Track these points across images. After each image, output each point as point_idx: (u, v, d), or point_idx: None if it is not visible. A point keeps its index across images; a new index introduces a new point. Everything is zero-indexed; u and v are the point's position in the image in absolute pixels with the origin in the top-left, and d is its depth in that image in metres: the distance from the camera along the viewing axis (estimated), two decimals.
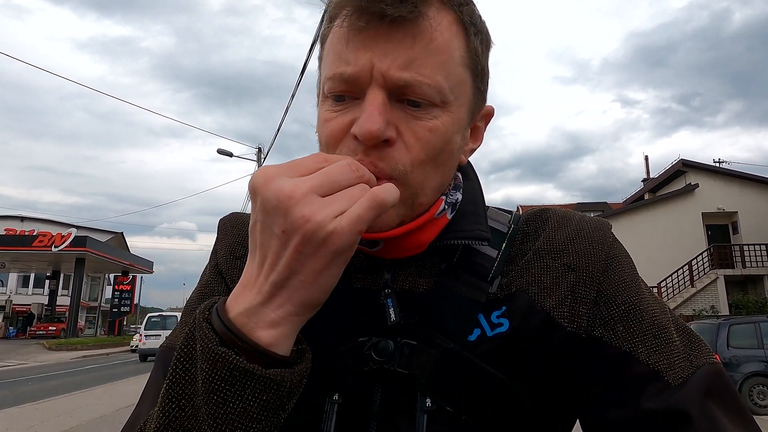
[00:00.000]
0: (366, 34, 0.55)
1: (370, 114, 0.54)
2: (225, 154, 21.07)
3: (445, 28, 0.57)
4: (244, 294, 0.47)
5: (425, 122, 0.56)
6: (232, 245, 0.70)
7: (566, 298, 0.60)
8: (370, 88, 0.55)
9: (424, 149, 0.57)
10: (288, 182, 0.44)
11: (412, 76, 0.55)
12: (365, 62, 0.55)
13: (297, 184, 0.44)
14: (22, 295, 45.76)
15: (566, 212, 0.68)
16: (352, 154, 0.55)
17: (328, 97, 0.59)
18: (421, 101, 0.56)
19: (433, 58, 0.56)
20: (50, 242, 29.98)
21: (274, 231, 0.45)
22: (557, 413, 0.62)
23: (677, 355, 0.56)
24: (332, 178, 0.46)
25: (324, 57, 0.61)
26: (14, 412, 9.01)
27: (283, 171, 0.46)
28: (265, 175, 0.45)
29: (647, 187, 27.89)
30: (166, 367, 0.61)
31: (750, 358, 9.29)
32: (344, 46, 0.56)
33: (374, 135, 0.53)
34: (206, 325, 0.46)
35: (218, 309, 0.47)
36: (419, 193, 0.59)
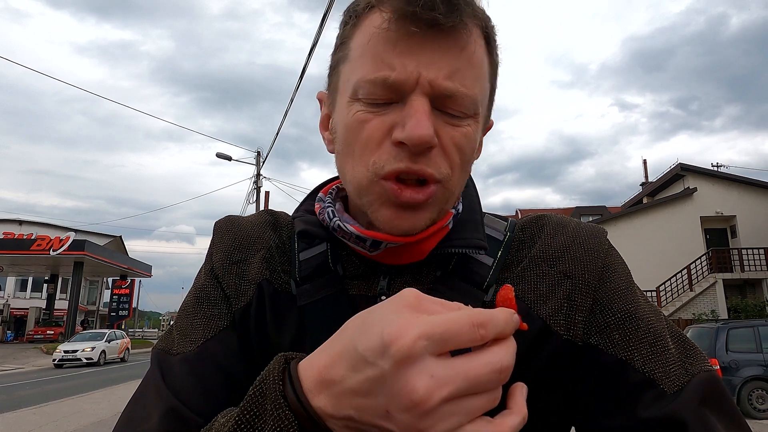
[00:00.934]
0: (414, 40, 0.54)
1: (419, 120, 0.53)
2: (224, 158, 21.06)
3: (479, 43, 0.58)
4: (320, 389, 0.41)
5: (461, 129, 0.58)
6: (228, 249, 0.70)
7: (562, 305, 0.60)
8: (414, 93, 0.55)
9: (459, 155, 0.58)
10: (426, 380, 0.35)
11: (456, 87, 0.55)
12: (412, 69, 0.54)
13: (435, 388, 0.35)
14: (20, 299, 45.59)
15: (562, 219, 0.68)
16: (395, 162, 0.55)
17: (360, 100, 0.57)
18: (459, 113, 0.57)
19: (473, 70, 0.57)
20: (48, 246, 29.91)
21: (383, 407, 0.37)
22: (553, 421, 0.62)
23: (673, 363, 0.56)
24: (475, 384, 0.37)
25: (355, 58, 0.58)
26: (12, 417, 8.97)
27: (431, 343, 0.36)
28: (411, 347, 0.35)
29: (646, 191, 27.91)
30: (162, 369, 0.61)
31: (749, 362, 9.27)
32: (389, 50, 0.55)
33: (426, 141, 0.54)
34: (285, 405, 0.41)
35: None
36: (451, 199, 0.60)
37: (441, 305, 0.40)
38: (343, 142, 0.60)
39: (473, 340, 0.37)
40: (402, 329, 0.36)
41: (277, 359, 0.44)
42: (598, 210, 35.70)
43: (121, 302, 35.93)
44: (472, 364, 0.37)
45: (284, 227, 0.73)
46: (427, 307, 0.39)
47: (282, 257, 0.69)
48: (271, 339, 0.65)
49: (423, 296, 0.40)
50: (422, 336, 0.35)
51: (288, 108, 14.70)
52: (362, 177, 0.58)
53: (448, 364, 0.36)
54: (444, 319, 0.37)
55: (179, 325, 0.66)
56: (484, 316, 0.38)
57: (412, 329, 0.36)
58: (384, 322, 0.37)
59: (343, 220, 0.63)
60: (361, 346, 0.37)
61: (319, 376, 0.40)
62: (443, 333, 0.36)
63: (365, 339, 0.37)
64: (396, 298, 0.40)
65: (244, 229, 0.71)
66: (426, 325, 0.36)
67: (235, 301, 0.66)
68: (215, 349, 0.63)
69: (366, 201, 0.59)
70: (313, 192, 0.74)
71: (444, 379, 0.35)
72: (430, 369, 0.36)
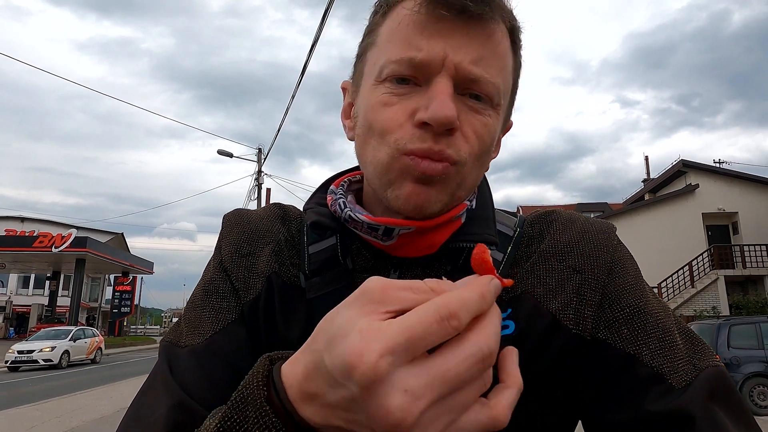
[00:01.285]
0: (443, 24, 0.56)
1: (443, 101, 0.54)
2: (225, 155, 21.06)
3: (505, 37, 0.59)
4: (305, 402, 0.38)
5: (482, 117, 0.58)
6: (236, 242, 0.70)
7: (571, 300, 0.60)
8: (439, 76, 0.56)
9: (478, 142, 0.58)
10: (399, 398, 0.32)
11: (481, 73, 0.56)
12: (439, 50, 0.55)
13: (412, 403, 0.32)
14: (23, 295, 45.72)
15: (571, 214, 0.69)
16: (418, 142, 0.56)
17: (385, 80, 0.58)
18: (482, 96, 0.58)
19: (498, 60, 0.58)
20: (50, 243, 29.97)
21: (367, 424, 0.35)
22: (560, 415, 0.63)
23: (681, 358, 0.57)
24: (456, 383, 0.33)
25: (383, 42, 0.60)
26: (14, 413, 9.01)
27: (397, 357, 0.33)
28: (375, 370, 0.32)
29: (647, 188, 27.89)
30: (170, 361, 0.62)
31: (750, 359, 9.28)
32: (418, 32, 0.56)
33: (450, 121, 0.54)
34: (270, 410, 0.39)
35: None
36: (462, 185, 0.60)
37: (411, 290, 0.36)
38: (365, 123, 0.61)
39: (446, 336, 0.33)
40: (361, 349, 0.32)
41: (261, 361, 0.42)
42: (600, 207, 35.68)
43: (123, 299, 35.98)
44: (449, 362, 0.33)
45: (293, 220, 0.74)
46: (394, 296, 0.35)
47: (291, 250, 0.69)
48: (279, 332, 0.65)
49: (389, 285, 0.36)
50: (384, 352, 0.32)
51: (289, 105, 14.69)
52: (384, 155, 0.58)
53: (421, 371, 0.33)
54: (407, 325, 0.33)
55: (188, 317, 0.66)
56: (454, 305, 0.34)
57: (371, 348, 0.32)
58: (346, 337, 0.33)
59: (354, 211, 0.63)
60: (328, 363, 0.34)
61: (301, 388, 0.38)
62: (408, 340, 0.32)
63: (332, 356, 0.34)
64: (360, 293, 0.36)
65: (253, 222, 0.72)
66: (387, 338, 0.32)
67: (243, 294, 0.66)
68: (223, 342, 0.63)
69: (387, 180, 0.59)
70: (324, 184, 0.74)
71: (419, 390, 0.32)
72: (402, 383, 0.32)
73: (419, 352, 0.33)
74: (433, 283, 0.37)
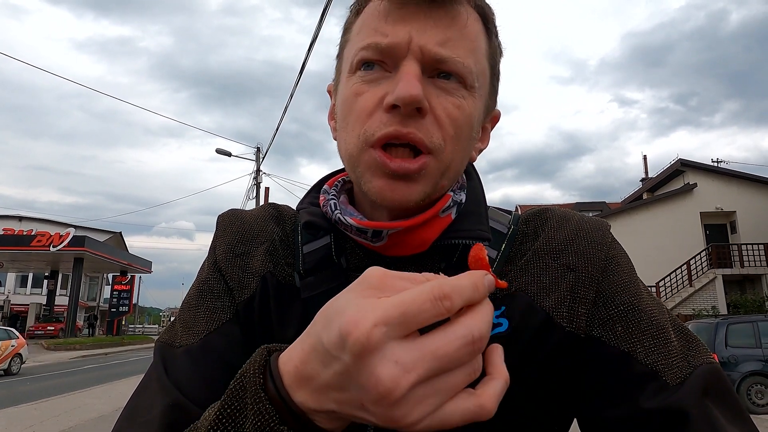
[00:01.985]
0: (406, 9, 0.57)
1: (408, 81, 0.55)
2: (224, 154, 21.05)
3: (473, 21, 0.60)
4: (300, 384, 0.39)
5: (454, 98, 0.58)
6: (231, 242, 0.70)
7: (565, 298, 0.60)
8: (405, 59, 0.57)
9: (452, 125, 0.58)
10: (390, 368, 0.33)
11: (448, 53, 0.57)
12: (404, 34, 0.57)
13: (401, 375, 0.33)
14: (20, 294, 45.67)
15: (566, 212, 0.69)
16: (386, 126, 0.56)
17: (356, 69, 0.60)
18: (452, 73, 0.58)
19: (466, 42, 0.59)
20: (48, 242, 29.92)
21: (358, 399, 0.36)
22: (555, 412, 0.63)
23: (675, 355, 0.57)
24: (446, 362, 0.34)
25: (353, 36, 0.62)
26: (13, 412, 9.00)
27: (391, 328, 0.34)
28: (367, 338, 0.33)
29: (646, 187, 27.92)
30: (165, 361, 0.62)
31: (748, 357, 9.30)
32: (382, 20, 0.58)
33: (416, 99, 0.54)
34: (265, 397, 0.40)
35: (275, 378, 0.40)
36: (446, 173, 0.60)
37: (409, 280, 0.38)
38: (341, 117, 0.62)
39: (438, 315, 0.35)
40: (356, 318, 0.34)
41: (259, 352, 0.43)
42: (598, 206, 35.72)
43: (122, 298, 35.96)
44: (440, 341, 0.34)
45: (288, 220, 0.74)
46: (392, 284, 0.37)
47: (285, 250, 0.69)
48: (275, 332, 0.65)
49: (388, 274, 0.38)
50: (378, 322, 0.33)
51: (287, 104, 14.69)
52: (353, 147, 0.59)
53: (413, 347, 0.34)
54: (401, 300, 0.34)
55: (182, 317, 0.66)
56: (447, 287, 0.35)
57: (367, 317, 0.34)
58: (343, 313, 0.35)
59: (344, 213, 0.64)
60: (325, 339, 0.36)
61: (296, 372, 0.38)
62: (402, 314, 0.34)
63: (328, 332, 0.35)
64: (360, 280, 0.38)
65: (248, 222, 0.72)
66: (382, 310, 0.34)
67: (238, 293, 0.66)
68: (218, 342, 0.63)
69: (359, 172, 0.60)
70: (318, 183, 0.74)
71: (410, 364, 0.33)
72: (394, 355, 0.33)
73: (412, 328, 0.34)
74: (430, 276, 0.38)
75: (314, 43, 9.93)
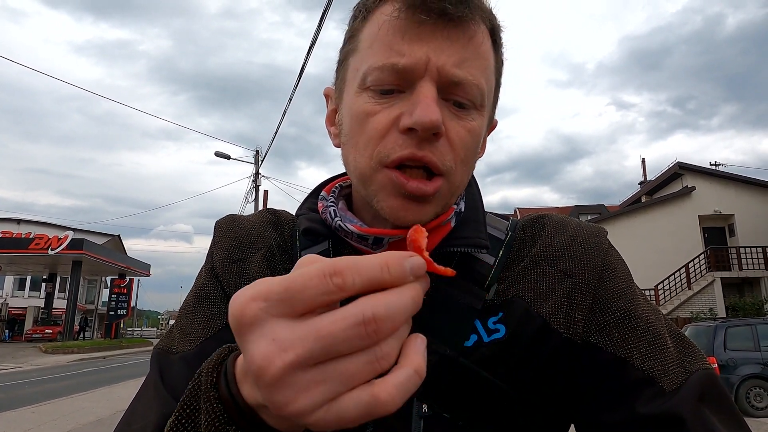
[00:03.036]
0: (424, 28, 0.56)
1: (427, 105, 0.54)
2: (222, 157, 21.02)
3: (486, 37, 0.60)
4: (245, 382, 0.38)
5: (466, 122, 0.58)
6: (228, 248, 0.70)
7: (562, 304, 0.61)
8: (422, 80, 0.56)
9: (464, 149, 0.58)
10: (264, 345, 0.31)
11: (464, 75, 0.56)
12: (422, 55, 0.55)
13: (276, 354, 0.31)
14: (18, 298, 45.52)
15: (563, 218, 0.69)
16: (401, 148, 0.56)
17: (368, 88, 0.58)
18: (466, 102, 0.58)
19: (480, 61, 0.58)
20: (47, 245, 29.83)
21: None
22: (552, 418, 0.63)
23: (671, 361, 0.57)
24: (331, 343, 0.31)
25: (364, 48, 0.59)
26: (11, 416, 8.96)
27: (271, 304, 0.32)
28: (242, 312, 0.32)
29: (644, 190, 27.93)
30: (161, 368, 0.62)
31: (747, 361, 9.29)
32: (399, 38, 0.56)
33: (435, 125, 0.54)
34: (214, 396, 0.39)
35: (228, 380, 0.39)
36: (455, 193, 0.61)
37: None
38: (349, 132, 0.61)
39: (327, 292, 0.32)
40: (239, 293, 0.32)
41: (219, 350, 0.42)
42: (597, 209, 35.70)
43: (120, 301, 35.82)
44: (326, 320, 0.31)
45: (286, 226, 0.74)
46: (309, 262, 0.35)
47: (283, 256, 0.69)
48: None
49: (315, 257, 0.36)
50: (256, 297, 0.32)
51: (286, 107, 14.69)
52: (365, 166, 0.59)
53: (295, 326, 0.31)
54: (288, 277, 0.32)
55: (180, 324, 0.66)
56: (342, 264, 0.32)
57: (246, 292, 0.32)
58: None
59: (344, 220, 0.64)
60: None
61: (241, 364, 0.37)
62: (284, 290, 0.32)
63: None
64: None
65: (245, 228, 0.72)
66: (262, 285, 0.32)
67: None
68: (214, 349, 0.62)
69: (371, 191, 0.59)
70: (316, 189, 0.74)
71: (287, 342, 0.31)
72: (272, 333, 0.31)
73: (297, 306, 0.32)
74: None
75: (313, 47, 9.95)
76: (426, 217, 0.58)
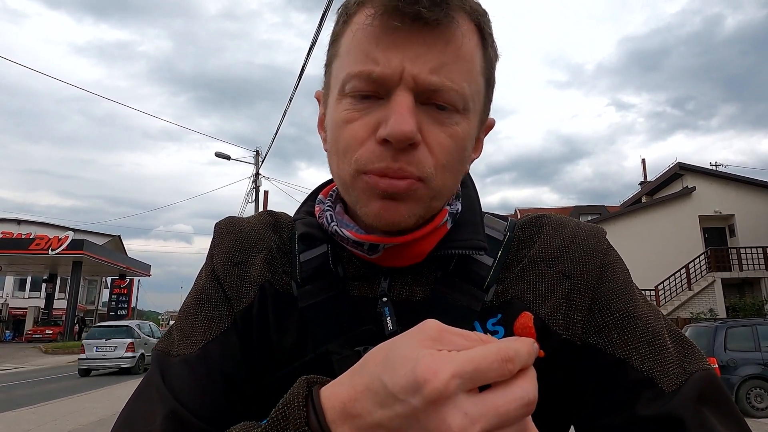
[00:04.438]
0: (398, 34, 0.54)
1: (401, 116, 0.53)
2: (223, 157, 21.04)
3: (469, 37, 0.57)
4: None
5: (447, 128, 0.57)
6: (228, 250, 0.69)
7: (561, 305, 0.61)
8: (398, 89, 0.55)
9: (445, 154, 0.57)
10: (460, 419, 0.35)
11: (441, 81, 0.55)
12: (396, 63, 0.54)
13: (469, 425, 0.35)
14: (19, 298, 45.58)
15: (561, 219, 0.69)
16: (378, 160, 0.55)
17: (347, 95, 0.58)
18: (446, 106, 0.56)
19: (461, 64, 0.56)
20: (47, 245, 29.84)
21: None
22: (552, 420, 0.62)
23: (671, 362, 0.57)
24: (505, 419, 0.36)
25: (343, 54, 0.59)
26: (11, 416, 8.97)
27: (464, 381, 0.36)
28: (445, 387, 0.35)
29: (645, 190, 27.94)
30: (162, 369, 0.62)
31: (747, 361, 9.28)
32: (373, 45, 0.55)
33: (408, 137, 0.53)
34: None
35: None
36: (437, 197, 0.59)
37: (463, 337, 0.39)
38: (332, 139, 0.61)
39: (502, 375, 0.37)
40: (435, 368, 0.36)
41: (300, 383, 0.43)
42: (597, 209, 35.71)
43: (120, 301, 35.81)
44: (503, 399, 0.36)
45: (285, 228, 0.73)
46: (449, 339, 0.39)
47: (283, 258, 0.69)
48: (273, 341, 0.65)
49: (445, 328, 0.40)
50: (456, 375, 0.35)
51: (287, 107, 14.70)
52: (346, 174, 0.58)
53: (479, 401, 0.36)
54: (474, 356, 0.37)
55: (179, 326, 0.66)
56: (512, 351, 0.38)
57: (445, 368, 0.36)
58: (414, 359, 0.37)
59: (341, 224, 0.63)
60: (390, 382, 0.37)
61: (343, 409, 0.39)
62: (474, 371, 0.36)
63: (394, 375, 0.37)
64: (418, 330, 0.40)
65: (245, 231, 0.71)
66: (458, 363, 0.36)
67: (236, 302, 0.66)
68: (216, 351, 0.63)
69: (353, 197, 0.59)
70: (314, 193, 0.74)
71: (477, 417, 0.35)
72: (464, 407, 0.36)
73: (479, 384, 0.37)
74: (484, 336, 0.40)
75: (314, 48, 9.96)
76: (405, 216, 0.57)
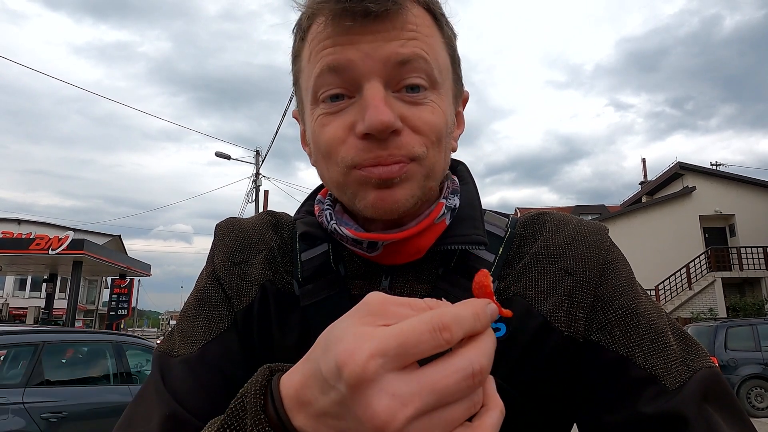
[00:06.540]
0: (353, 32, 0.56)
1: (376, 107, 0.54)
2: (223, 157, 21.04)
3: (422, 18, 0.59)
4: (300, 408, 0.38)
5: (424, 105, 0.58)
6: (229, 251, 0.70)
7: (563, 302, 0.60)
8: (368, 82, 0.55)
9: (428, 130, 0.57)
10: (386, 401, 0.32)
11: (409, 51, 0.56)
12: (358, 58, 0.56)
13: (398, 408, 0.32)
14: (19, 298, 45.60)
15: (564, 216, 0.69)
16: (366, 152, 0.55)
17: (320, 101, 0.59)
18: (419, 83, 0.57)
19: (421, 40, 0.58)
20: (47, 245, 29.77)
21: (355, 430, 0.34)
22: (554, 417, 0.62)
23: (674, 360, 0.56)
24: (444, 395, 0.33)
25: (306, 66, 0.61)
26: None
27: (388, 360, 0.33)
28: (363, 369, 0.32)
29: (645, 190, 27.95)
30: (162, 370, 0.62)
31: (747, 361, 9.30)
32: (330, 48, 0.57)
33: (388, 125, 0.53)
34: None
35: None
36: (430, 175, 0.60)
37: (410, 306, 0.36)
38: (315, 149, 0.62)
39: (437, 347, 0.33)
40: (353, 349, 0.33)
41: (261, 371, 0.42)
42: (598, 209, 35.73)
43: (120, 301, 35.70)
44: (439, 374, 0.33)
45: (285, 228, 0.74)
46: (393, 311, 0.36)
47: (284, 258, 0.69)
48: (275, 340, 0.65)
49: (389, 300, 0.37)
50: (375, 354, 0.32)
51: (287, 108, 14.70)
52: (337, 173, 0.59)
53: (411, 379, 0.33)
54: (399, 330, 0.33)
55: (180, 327, 0.66)
56: (447, 318, 0.34)
57: (363, 348, 0.32)
58: (341, 341, 0.34)
59: (340, 223, 0.63)
60: (323, 367, 0.34)
61: (296, 395, 0.37)
62: (399, 346, 0.32)
63: (326, 360, 0.34)
64: (360, 305, 0.37)
65: (245, 231, 0.72)
66: (378, 341, 0.33)
67: (236, 302, 0.66)
68: (216, 351, 0.63)
69: (349, 194, 0.59)
70: (313, 193, 0.74)
71: (407, 397, 0.32)
72: (391, 387, 0.32)
73: (410, 360, 0.33)
74: (432, 302, 0.37)
75: None
76: (402, 201, 0.57)
